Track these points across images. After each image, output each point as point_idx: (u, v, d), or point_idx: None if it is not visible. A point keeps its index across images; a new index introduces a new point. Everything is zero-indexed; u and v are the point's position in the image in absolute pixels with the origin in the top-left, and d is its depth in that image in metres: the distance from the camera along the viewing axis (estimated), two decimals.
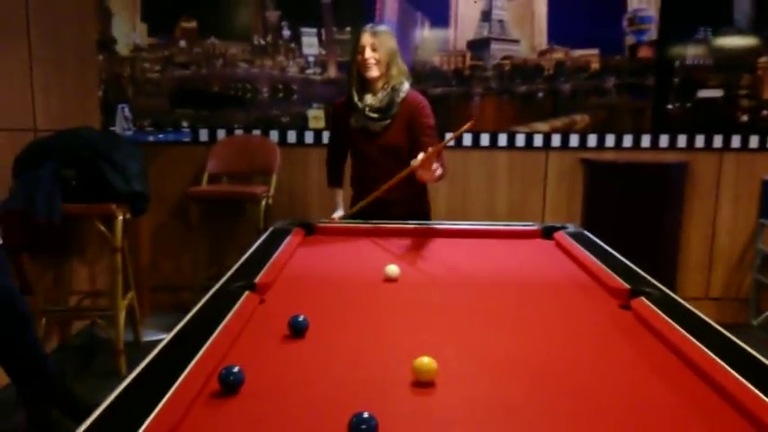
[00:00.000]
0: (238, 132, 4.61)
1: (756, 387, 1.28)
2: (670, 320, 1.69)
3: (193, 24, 4.51)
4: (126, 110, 4.33)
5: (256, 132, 4.61)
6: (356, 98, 3.03)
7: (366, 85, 3.02)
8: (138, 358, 1.44)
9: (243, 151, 4.54)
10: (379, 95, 3.00)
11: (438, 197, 4.25)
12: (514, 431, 1.22)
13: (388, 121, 3.02)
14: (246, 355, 1.54)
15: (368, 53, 2.93)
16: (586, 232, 2.87)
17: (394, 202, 3.04)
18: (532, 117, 4.59)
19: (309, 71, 4.56)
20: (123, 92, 4.55)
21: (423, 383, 1.39)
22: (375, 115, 3.02)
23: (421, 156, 2.64)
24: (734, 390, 1.30)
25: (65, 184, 3.42)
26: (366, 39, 2.95)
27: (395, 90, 2.99)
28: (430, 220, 3.23)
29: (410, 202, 3.14)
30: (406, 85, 3.03)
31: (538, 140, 4.59)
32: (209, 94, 4.58)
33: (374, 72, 2.95)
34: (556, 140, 4.59)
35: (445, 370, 1.41)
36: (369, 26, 3.01)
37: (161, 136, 4.47)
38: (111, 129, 4.44)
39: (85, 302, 4.19)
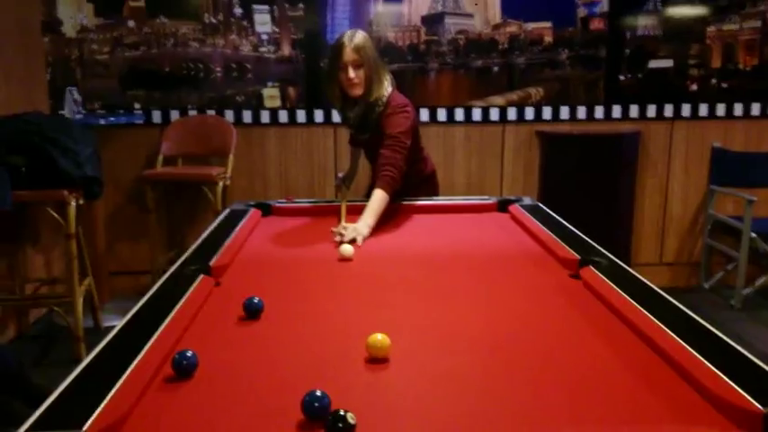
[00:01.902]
0: (192, 113, 4.55)
1: (697, 351, 1.33)
2: (616, 288, 1.74)
3: (141, 3, 4.42)
4: (75, 93, 4.24)
5: (211, 113, 4.55)
6: (339, 110, 2.97)
7: (347, 98, 2.87)
8: (98, 344, 1.43)
9: (198, 132, 4.49)
10: (356, 110, 2.87)
11: None
12: (466, 402, 1.24)
13: (367, 135, 2.91)
14: (201, 338, 1.54)
15: (351, 73, 2.73)
16: (540, 204, 2.92)
17: (404, 191, 2.95)
18: (488, 91, 4.61)
19: (263, 49, 4.51)
20: (71, 74, 4.45)
21: (377, 360, 1.40)
22: (353, 131, 3.00)
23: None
24: (676, 354, 1.35)
25: (14, 171, 3.34)
26: (348, 55, 2.72)
27: (370, 106, 2.82)
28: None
29: (419, 189, 3.12)
30: (385, 98, 2.83)
31: (494, 114, 4.62)
32: (161, 74, 4.51)
33: (358, 91, 2.79)
34: (512, 114, 4.62)
35: (399, 346, 1.43)
36: (347, 38, 2.75)
37: (112, 119, 4.39)
38: (61, 113, 4.35)
39: (42, 290, 4.13)
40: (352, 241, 2.36)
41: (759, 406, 1.10)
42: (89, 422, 1.08)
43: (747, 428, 1.08)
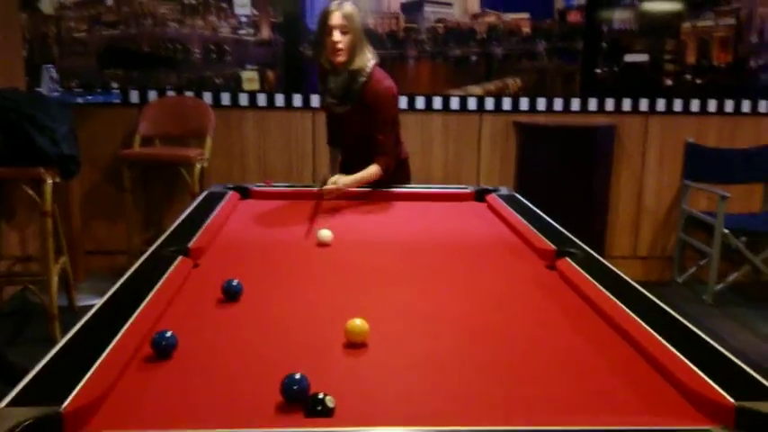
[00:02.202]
0: (170, 94, 4.52)
1: (671, 344, 1.37)
2: (591, 279, 1.78)
3: None
4: (52, 70, 4.18)
5: (189, 94, 4.53)
6: (320, 79, 3.01)
7: (332, 65, 2.89)
8: (72, 324, 1.44)
9: (176, 113, 4.46)
10: (338, 80, 2.89)
11: None
12: (444, 386, 1.28)
13: (349, 106, 2.94)
14: (180, 319, 1.55)
15: (336, 36, 2.77)
16: (517, 195, 2.96)
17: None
18: (466, 80, 4.63)
19: (242, 32, 4.49)
20: (49, 52, 4.40)
21: (355, 345, 1.43)
22: (334, 100, 2.97)
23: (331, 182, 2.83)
24: (650, 346, 1.38)
25: None
26: (335, 19, 2.77)
27: (353, 76, 2.86)
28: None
29: (393, 173, 3.10)
30: (368, 69, 2.88)
31: (472, 103, 4.65)
32: (139, 54, 4.47)
33: (342, 57, 2.81)
34: (489, 104, 4.65)
35: (377, 331, 1.46)
36: (335, 5, 2.81)
37: (90, 97, 4.34)
38: (38, 90, 4.29)
39: (16, 267, 4.09)
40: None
41: (731, 399, 1.13)
42: (68, 399, 1.09)
43: (719, 421, 1.11)
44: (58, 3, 4.37)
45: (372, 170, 2.91)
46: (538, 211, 2.64)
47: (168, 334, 1.37)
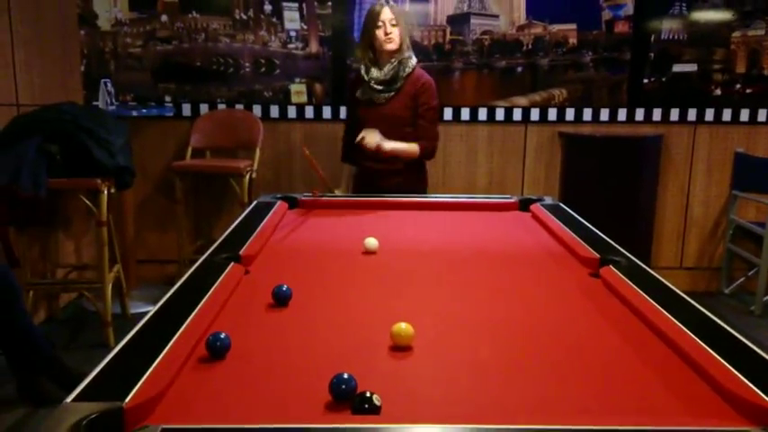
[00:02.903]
0: (221, 107, 4.64)
1: (712, 349, 1.37)
2: (635, 287, 1.79)
3: None
4: (108, 85, 4.32)
5: (239, 107, 4.64)
6: (363, 71, 3.22)
7: (377, 59, 3.17)
8: (125, 330, 1.49)
9: (226, 126, 4.57)
10: (386, 69, 3.17)
11: None
12: (484, 389, 1.31)
13: (392, 93, 3.21)
14: (232, 323, 1.60)
15: (389, 27, 3.10)
16: (562, 204, 2.96)
17: (388, 174, 3.17)
18: (512, 91, 4.65)
19: (291, 46, 4.58)
20: (105, 66, 4.56)
21: (400, 348, 1.46)
22: (380, 87, 3.21)
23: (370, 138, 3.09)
24: (692, 351, 1.39)
25: (49, 159, 3.44)
26: (386, 13, 3.10)
27: (401, 64, 3.16)
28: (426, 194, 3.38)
29: (404, 176, 3.27)
30: (414, 60, 3.22)
31: (517, 114, 4.66)
32: (192, 68, 4.60)
33: (394, 46, 3.13)
34: (534, 114, 4.66)
35: (422, 335, 1.49)
36: (383, 2, 3.14)
37: (144, 111, 4.48)
38: (95, 103, 4.45)
39: (72, 275, 4.23)
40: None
41: None
42: (129, 395, 1.14)
43: (760, 424, 1.12)
44: (114, 19, 4.53)
45: (414, 146, 3.20)
46: (582, 220, 2.65)
47: (222, 335, 1.42)
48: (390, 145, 3.13)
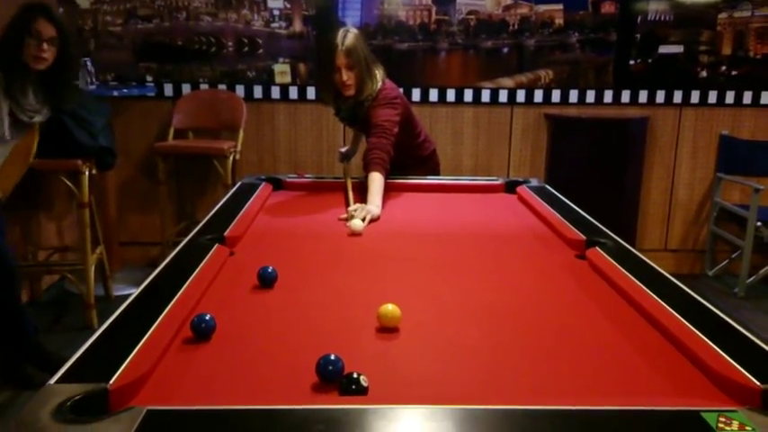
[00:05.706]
0: (204, 87, 4.59)
1: (699, 330, 1.38)
2: (621, 268, 1.79)
3: None
4: (89, 64, 4.27)
5: (222, 87, 4.59)
6: (332, 104, 3.12)
7: (339, 95, 3.01)
8: (108, 312, 1.48)
9: (209, 106, 4.53)
10: (347, 105, 3.01)
11: None
12: (471, 370, 1.30)
13: (358, 125, 3.19)
14: (217, 304, 1.59)
15: (344, 76, 2.87)
16: (548, 186, 2.96)
17: (405, 166, 3.12)
18: (498, 72, 4.63)
19: (275, 25, 4.53)
20: (85, 45, 4.48)
21: (387, 329, 1.46)
22: (345, 121, 3.23)
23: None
24: (678, 332, 1.39)
25: None
26: (340, 59, 2.84)
27: (359, 104, 2.95)
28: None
29: (420, 166, 3.25)
30: (376, 91, 2.94)
31: (503, 96, 4.64)
32: (173, 47, 4.54)
33: (351, 92, 2.93)
34: (521, 96, 4.64)
35: (408, 316, 1.48)
36: (339, 40, 2.86)
37: (125, 90, 4.41)
38: (75, 83, 4.38)
39: (54, 257, 4.19)
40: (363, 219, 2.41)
41: (758, 383, 1.15)
42: (114, 377, 1.13)
43: (746, 404, 1.12)
44: None
45: (375, 178, 2.71)
46: (568, 202, 2.65)
47: (207, 317, 1.41)
48: (376, 204, 2.59)
